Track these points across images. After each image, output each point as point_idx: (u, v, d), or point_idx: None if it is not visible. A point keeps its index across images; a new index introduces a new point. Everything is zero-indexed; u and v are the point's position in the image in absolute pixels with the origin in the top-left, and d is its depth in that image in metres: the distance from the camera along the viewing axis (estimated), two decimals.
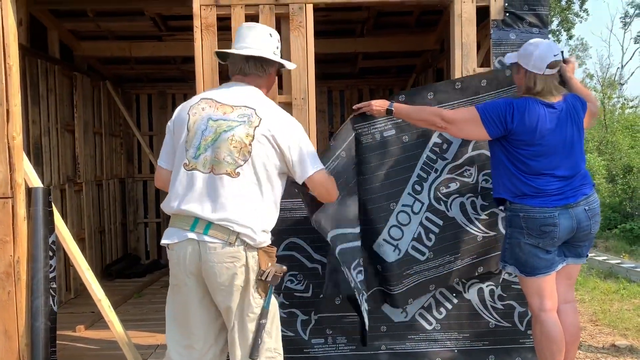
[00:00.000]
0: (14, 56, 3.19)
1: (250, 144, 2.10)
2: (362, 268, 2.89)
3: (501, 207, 2.90)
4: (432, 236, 3.07)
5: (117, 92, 6.23)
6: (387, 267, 3.02)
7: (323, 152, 2.85)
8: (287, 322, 3.22)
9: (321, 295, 3.06)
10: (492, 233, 3.16)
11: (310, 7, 3.23)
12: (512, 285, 3.25)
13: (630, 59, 26.13)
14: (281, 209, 2.52)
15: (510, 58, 2.83)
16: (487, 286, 3.27)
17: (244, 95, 2.20)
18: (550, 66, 2.62)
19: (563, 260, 2.76)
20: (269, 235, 2.21)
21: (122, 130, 6.64)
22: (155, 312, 4.58)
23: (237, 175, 2.09)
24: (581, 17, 19.56)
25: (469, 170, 3.11)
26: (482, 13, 3.32)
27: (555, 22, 19.27)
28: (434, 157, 3.07)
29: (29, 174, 3.26)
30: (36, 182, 3.27)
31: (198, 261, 2.09)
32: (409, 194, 3.05)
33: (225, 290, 2.10)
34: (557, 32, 19.52)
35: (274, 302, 2.24)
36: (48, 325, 3.15)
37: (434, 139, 3.07)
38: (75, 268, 3.34)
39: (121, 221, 6.51)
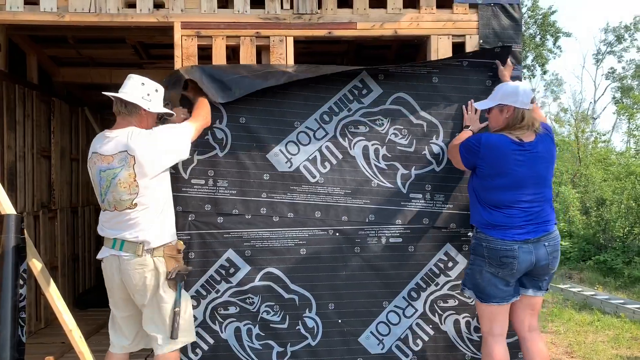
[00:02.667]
0: None
1: (135, 180, 2.67)
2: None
3: (469, 233, 3.13)
4: (327, 164, 3.25)
5: (96, 119, 6.17)
6: (276, 177, 3.23)
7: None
8: (262, 354, 3.19)
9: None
10: (388, 185, 3.27)
11: (290, 40, 3.29)
12: None
13: (602, 94, 27.01)
14: (257, 239, 2.56)
15: (486, 104, 2.93)
16: (463, 317, 3.28)
17: (117, 142, 2.71)
18: (532, 100, 2.80)
19: (524, 290, 2.88)
20: (173, 233, 2.82)
21: None
22: None
23: (134, 206, 2.69)
24: (555, 54, 20.22)
25: (382, 120, 3.28)
26: (458, 49, 3.41)
27: (530, 57, 19.86)
28: (351, 98, 3.27)
29: (1, 201, 3.20)
30: (9, 209, 3.22)
31: (119, 270, 2.73)
32: (315, 119, 3.24)
33: (140, 290, 2.72)
34: (532, 67, 20.10)
35: (185, 295, 2.86)
36: (16, 356, 3.06)
37: (355, 82, 3.27)
38: (47, 297, 3.27)
39: (95, 249, 6.38)
